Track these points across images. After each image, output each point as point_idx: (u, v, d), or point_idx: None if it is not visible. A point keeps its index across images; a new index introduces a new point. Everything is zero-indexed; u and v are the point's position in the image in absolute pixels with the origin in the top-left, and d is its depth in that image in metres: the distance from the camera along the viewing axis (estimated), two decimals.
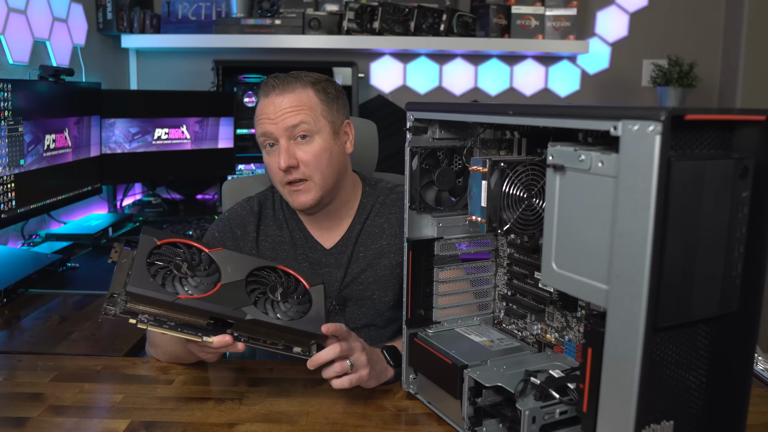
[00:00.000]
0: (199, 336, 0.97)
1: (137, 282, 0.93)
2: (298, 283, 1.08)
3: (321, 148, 1.28)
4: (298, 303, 1.04)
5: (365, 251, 1.36)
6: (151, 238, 1.00)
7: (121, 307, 0.94)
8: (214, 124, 2.67)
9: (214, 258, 1.02)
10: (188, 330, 0.96)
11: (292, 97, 1.27)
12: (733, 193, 0.70)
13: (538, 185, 0.91)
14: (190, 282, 0.97)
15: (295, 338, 1.02)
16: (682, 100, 2.79)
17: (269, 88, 1.30)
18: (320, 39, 2.74)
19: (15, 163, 1.74)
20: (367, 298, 1.35)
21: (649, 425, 0.72)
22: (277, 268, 1.08)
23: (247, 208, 1.40)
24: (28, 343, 1.35)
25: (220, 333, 0.97)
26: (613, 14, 3.06)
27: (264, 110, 1.29)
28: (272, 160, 1.29)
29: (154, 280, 0.94)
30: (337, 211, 1.37)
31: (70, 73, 2.07)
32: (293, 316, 1.01)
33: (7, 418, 1.01)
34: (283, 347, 1.02)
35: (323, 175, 1.28)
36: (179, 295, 0.94)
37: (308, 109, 1.27)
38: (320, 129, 1.28)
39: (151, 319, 0.95)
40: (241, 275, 1.02)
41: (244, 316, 0.97)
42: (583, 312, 0.95)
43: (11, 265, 1.72)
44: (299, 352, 1.03)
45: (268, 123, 1.27)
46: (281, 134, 1.27)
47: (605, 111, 0.69)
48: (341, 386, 1.06)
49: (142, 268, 0.95)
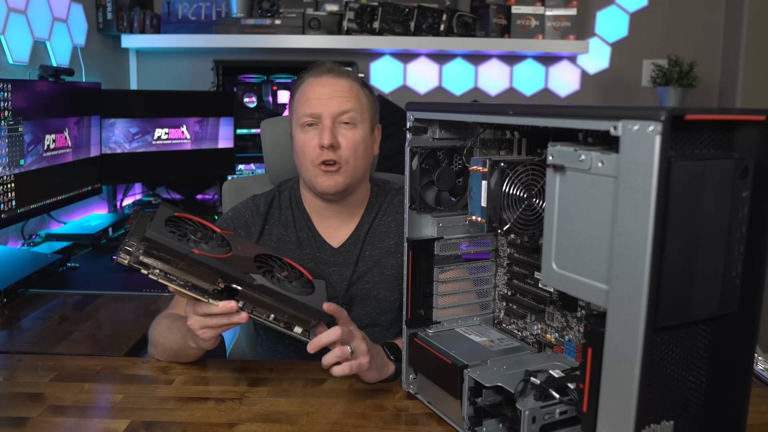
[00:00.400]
0: (206, 298, 0.98)
1: (156, 230, 0.94)
2: (302, 274, 1.10)
3: (361, 137, 1.32)
4: (302, 285, 1.06)
5: (372, 250, 1.37)
6: (169, 208, 1.02)
7: (135, 257, 0.96)
8: (214, 124, 2.67)
9: (225, 237, 1.05)
10: (196, 291, 0.98)
11: (345, 83, 1.33)
12: (733, 193, 0.70)
13: (538, 185, 0.91)
14: (203, 246, 0.99)
15: (297, 316, 1.03)
16: (682, 100, 2.79)
17: (323, 70, 1.34)
18: (320, 39, 2.74)
19: (15, 163, 1.74)
20: (373, 297, 1.35)
21: (649, 425, 0.72)
22: (282, 259, 1.10)
23: (252, 207, 1.40)
24: (28, 343, 1.35)
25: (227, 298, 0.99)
26: (613, 14, 3.06)
27: (314, 89, 1.32)
28: (310, 138, 1.31)
29: (172, 235, 0.96)
30: (348, 209, 1.38)
31: (70, 73, 2.08)
32: (299, 292, 1.03)
33: (7, 418, 1.01)
34: (284, 325, 1.03)
35: (356, 164, 1.32)
36: (194, 250, 0.95)
37: (356, 99, 1.33)
38: (363, 121, 1.33)
39: (161, 274, 0.96)
40: (250, 254, 1.05)
41: (252, 281, 0.98)
42: (583, 312, 0.95)
43: (11, 265, 1.72)
44: (299, 333, 1.04)
45: (317, 103, 1.30)
46: (328, 115, 1.29)
47: (605, 111, 0.69)
48: (341, 373, 1.05)
49: (160, 224, 0.97)
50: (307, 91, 1.33)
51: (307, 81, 1.34)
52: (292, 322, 1.04)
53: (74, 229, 2.18)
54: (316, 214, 1.39)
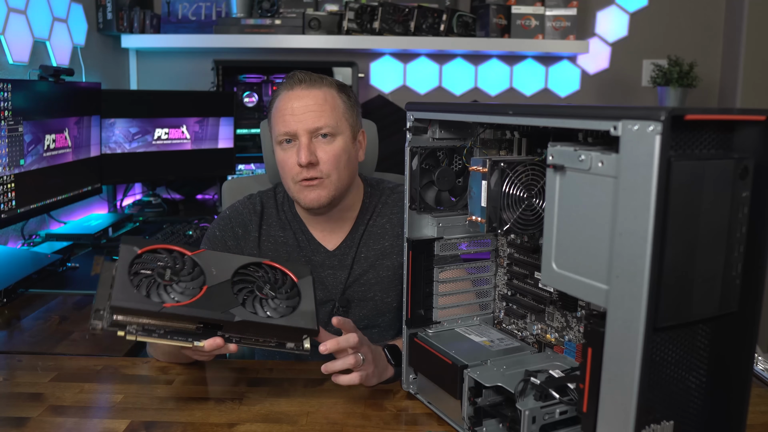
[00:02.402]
0: (189, 341, 0.95)
1: (121, 295, 0.91)
2: (286, 276, 1.06)
3: (341, 148, 1.28)
4: (287, 297, 1.02)
5: (368, 252, 1.36)
6: (131, 247, 0.98)
7: (107, 321, 0.93)
8: (214, 124, 2.67)
9: (197, 261, 1.00)
10: (178, 336, 0.95)
11: (318, 94, 1.27)
12: (733, 193, 0.70)
13: (538, 185, 0.91)
14: (175, 288, 0.95)
15: (286, 334, 1.01)
16: (682, 100, 2.79)
17: (295, 82, 1.28)
18: (320, 39, 2.74)
19: (15, 163, 1.74)
20: (370, 299, 1.35)
21: (649, 425, 0.72)
22: (262, 264, 1.06)
23: (249, 206, 1.39)
24: (28, 343, 1.35)
25: (211, 336, 0.96)
26: (613, 14, 3.06)
27: (287, 105, 1.27)
28: (289, 156, 1.28)
29: (138, 291, 0.93)
30: (340, 214, 1.37)
31: (70, 73, 2.07)
32: (283, 311, 1.00)
33: (7, 418, 1.01)
34: (275, 344, 1.01)
35: (339, 176, 1.28)
36: (165, 304, 0.92)
37: (332, 109, 1.28)
38: (342, 130, 1.29)
39: (139, 329, 0.93)
40: (227, 275, 1.00)
41: (232, 318, 0.95)
42: (583, 312, 0.95)
43: (11, 265, 1.71)
44: (292, 347, 1.02)
45: (291, 120, 1.26)
46: (304, 132, 1.26)
47: (605, 111, 0.69)
48: (350, 382, 1.05)
49: (125, 280, 0.93)
50: (281, 107, 1.28)
51: (281, 96, 1.30)
52: (283, 340, 1.02)
53: (74, 229, 2.18)
54: (308, 220, 1.38)
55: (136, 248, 0.98)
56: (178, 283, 0.96)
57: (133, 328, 0.93)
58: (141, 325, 0.93)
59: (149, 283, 0.94)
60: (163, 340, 0.95)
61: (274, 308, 1.00)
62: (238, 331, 0.98)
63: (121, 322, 0.93)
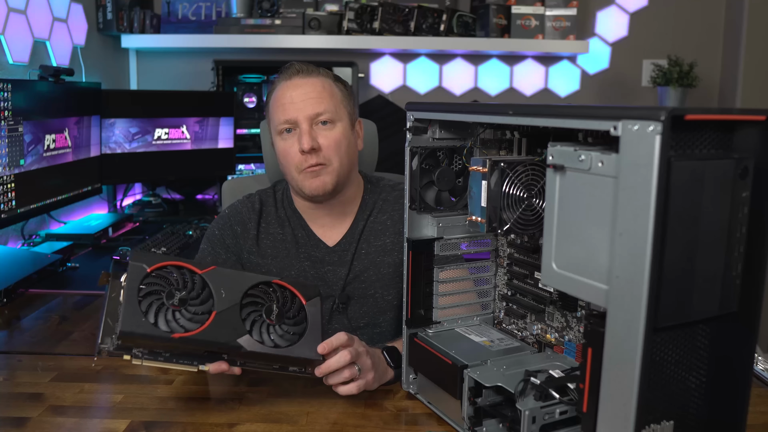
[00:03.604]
0: (195, 365, 0.98)
1: (129, 322, 0.92)
2: (294, 297, 1.06)
3: (341, 134, 1.30)
4: (294, 324, 1.03)
5: (368, 248, 1.36)
6: (141, 265, 0.97)
7: (113, 345, 0.94)
8: (214, 124, 2.67)
9: (207, 280, 1.00)
10: (184, 360, 0.98)
11: (316, 82, 1.30)
12: (733, 193, 0.70)
13: (538, 185, 0.91)
14: (183, 314, 0.96)
15: (292, 361, 1.03)
16: (682, 100, 2.79)
17: (292, 72, 1.31)
18: (320, 39, 2.74)
19: (15, 163, 1.74)
20: (370, 296, 1.35)
21: (649, 425, 0.72)
22: (272, 283, 1.06)
23: (248, 205, 1.39)
24: (28, 343, 1.35)
25: (216, 360, 0.99)
26: (613, 14, 3.06)
27: (285, 94, 1.29)
28: (290, 145, 1.29)
29: (146, 318, 0.93)
30: (340, 208, 1.37)
31: (70, 73, 2.07)
32: (290, 339, 1.02)
33: (7, 418, 1.01)
34: (279, 367, 1.03)
35: (341, 162, 1.30)
36: (173, 335, 0.94)
37: (330, 96, 1.30)
38: (341, 117, 1.31)
39: (145, 353, 0.95)
40: (236, 298, 1.01)
41: (239, 349, 0.98)
42: (583, 312, 0.95)
43: (11, 265, 1.71)
44: (296, 370, 1.04)
45: (291, 108, 1.28)
46: (303, 118, 1.27)
47: (605, 111, 0.69)
48: (348, 392, 1.05)
49: (133, 304, 0.93)
50: (279, 97, 1.30)
51: (279, 86, 1.32)
52: (287, 365, 1.04)
53: (74, 229, 2.18)
54: (308, 215, 1.38)
55: (145, 266, 0.97)
56: (186, 308, 0.97)
57: (139, 352, 0.95)
58: (147, 348, 0.96)
59: (158, 308, 0.95)
60: (168, 364, 0.97)
61: (281, 335, 1.01)
62: (243, 358, 1.01)
63: (128, 346, 0.95)
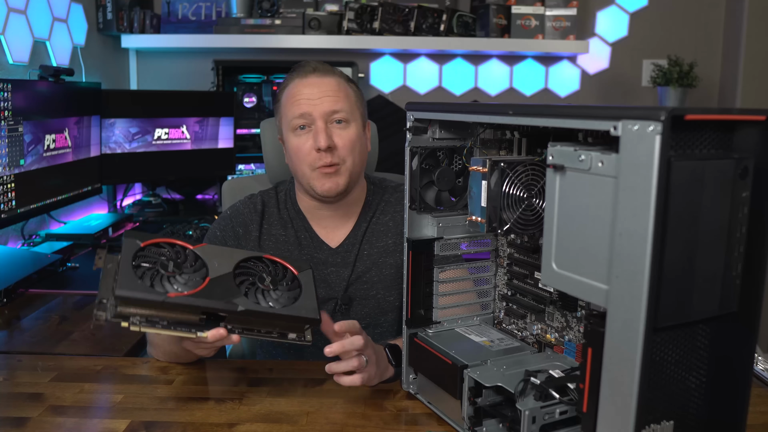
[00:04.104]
0: (193, 332, 0.96)
1: (125, 285, 0.92)
2: (286, 270, 1.06)
3: (355, 135, 1.30)
4: (288, 289, 1.03)
5: (370, 249, 1.36)
6: (134, 240, 0.98)
7: (111, 312, 0.93)
8: (214, 124, 2.67)
9: (199, 254, 1.01)
10: (182, 327, 0.96)
11: (332, 81, 1.30)
12: (733, 193, 0.70)
13: (538, 185, 0.91)
14: (178, 279, 0.96)
15: (289, 324, 1.02)
16: (682, 100, 2.79)
17: (308, 70, 1.31)
18: (320, 39, 2.74)
19: (15, 163, 1.74)
20: (372, 297, 1.35)
21: (649, 425, 0.72)
22: (263, 258, 1.06)
23: (249, 206, 1.39)
24: (28, 343, 1.35)
25: (214, 327, 0.97)
26: (613, 14, 3.06)
27: (301, 91, 1.29)
28: (304, 142, 1.28)
29: (142, 281, 0.93)
30: (345, 209, 1.37)
31: (70, 73, 2.07)
32: (285, 302, 1.01)
33: (7, 418, 1.01)
34: (277, 335, 1.02)
35: (354, 162, 1.30)
36: (169, 294, 0.93)
37: (346, 97, 1.31)
38: (355, 118, 1.32)
39: (143, 320, 0.94)
40: (228, 268, 1.01)
41: (236, 308, 0.96)
42: (583, 312, 0.95)
43: (11, 265, 1.72)
44: (294, 338, 1.02)
45: (307, 104, 1.27)
46: (319, 116, 1.27)
47: (605, 111, 0.69)
48: (352, 383, 1.05)
49: (128, 271, 0.94)
50: (294, 93, 1.29)
51: (293, 83, 1.31)
52: (285, 330, 1.02)
53: (74, 229, 2.18)
54: (312, 216, 1.38)
55: (138, 242, 0.98)
56: (181, 274, 0.96)
57: (136, 319, 0.94)
58: (144, 316, 0.94)
59: (153, 275, 0.95)
60: (166, 331, 0.95)
61: (276, 299, 1.00)
62: (241, 322, 0.99)
63: (125, 314, 0.93)
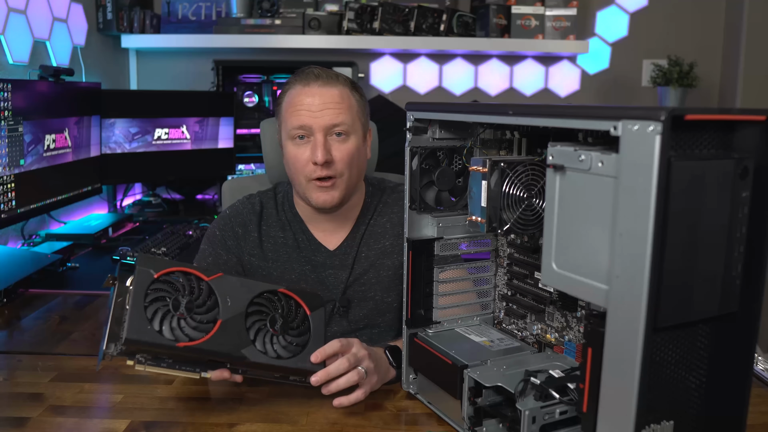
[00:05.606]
0: (197, 372, 0.99)
1: (134, 329, 0.93)
2: (299, 308, 1.07)
3: (354, 147, 1.28)
4: (297, 335, 1.04)
5: (368, 251, 1.36)
6: (147, 270, 0.97)
7: (117, 350, 0.94)
8: (214, 124, 2.67)
9: (214, 288, 1.00)
10: (186, 367, 0.99)
11: (335, 92, 1.26)
12: (733, 193, 0.70)
13: (538, 185, 0.91)
14: (189, 322, 0.96)
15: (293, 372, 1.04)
16: (682, 100, 2.79)
17: (311, 78, 1.26)
18: (320, 39, 2.74)
19: (15, 163, 1.74)
20: (370, 299, 1.35)
21: (649, 425, 0.72)
22: (278, 292, 1.06)
23: (248, 206, 1.39)
24: (28, 343, 1.35)
25: (218, 367, 1.00)
26: (613, 14, 3.06)
27: (303, 100, 1.25)
28: (302, 152, 1.26)
29: (152, 325, 0.94)
30: (343, 214, 1.36)
31: (70, 73, 2.08)
32: (293, 351, 1.02)
33: (7, 418, 1.01)
34: (279, 376, 1.04)
35: (351, 175, 1.28)
36: (178, 344, 0.94)
37: (348, 109, 1.27)
38: (356, 130, 1.29)
39: (149, 358, 0.96)
40: (241, 306, 1.01)
41: (243, 360, 0.98)
42: (583, 312, 0.95)
43: (11, 265, 1.71)
44: (296, 380, 1.04)
45: (308, 115, 1.24)
46: (319, 129, 1.24)
47: (605, 111, 0.69)
48: (356, 400, 1.04)
49: (139, 311, 0.94)
50: (295, 102, 1.26)
51: (295, 89, 1.27)
52: (287, 374, 1.04)
53: (74, 229, 2.18)
54: (310, 220, 1.37)
55: (152, 272, 0.98)
56: (192, 316, 0.97)
57: (142, 357, 0.96)
58: (151, 354, 0.96)
59: (163, 315, 0.95)
60: (170, 371, 0.98)
61: (284, 347, 1.02)
62: (246, 367, 1.01)
63: (132, 351, 0.95)
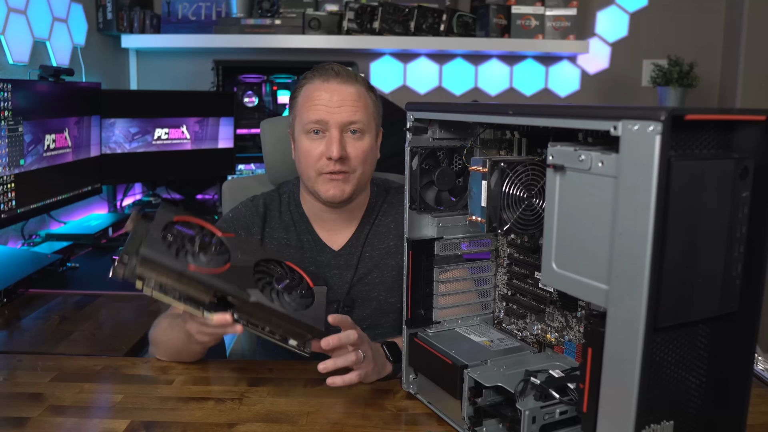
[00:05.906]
0: (200, 310, 0.97)
1: (151, 246, 0.93)
2: (302, 280, 1.07)
3: (369, 146, 1.29)
4: (300, 297, 1.04)
5: (372, 252, 1.36)
6: (169, 213, 1.00)
7: (131, 270, 0.94)
8: (214, 124, 2.67)
9: (225, 242, 1.02)
10: (191, 303, 0.97)
11: (353, 91, 1.27)
12: (733, 193, 0.70)
13: (538, 185, 0.91)
14: (200, 258, 0.97)
15: (293, 330, 1.02)
16: (682, 100, 2.79)
17: (331, 74, 1.27)
18: (320, 39, 2.74)
19: (15, 163, 1.74)
20: (373, 299, 1.35)
21: (649, 425, 0.72)
22: (284, 264, 1.07)
23: (252, 208, 1.38)
24: (28, 343, 1.35)
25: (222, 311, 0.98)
26: (613, 14, 3.06)
27: (321, 95, 1.26)
28: (316, 146, 1.26)
29: (168, 249, 0.94)
30: (349, 213, 1.37)
31: (70, 73, 2.07)
32: (295, 307, 1.01)
33: (7, 418, 1.01)
34: (279, 337, 1.02)
35: (363, 173, 1.30)
36: (189, 266, 0.94)
37: (365, 109, 1.28)
38: (370, 129, 1.30)
39: (157, 286, 0.95)
40: (250, 262, 1.02)
41: (248, 297, 0.97)
42: (583, 312, 0.95)
43: (11, 265, 1.71)
44: (294, 345, 1.03)
45: (325, 110, 1.25)
46: (335, 125, 1.25)
47: (605, 111, 0.69)
48: (349, 382, 1.05)
49: (157, 237, 0.95)
50: (314, 96, 1.27)
51: (314, 84, 1.28)
52: (288, 335, 1.03)
53: (74, 229, 2.18)
54: (315, 218, 1.37)
55: (172, 215, 1.00)
56: (204, 254, 0.98)
57: (151, 283, 0.95)
58: (159, 282, 0.95)
59: (178, 247, 0.96)
60: (176, 302, 0.96)
61: (288, 302, 1.01)
62: (249, 314, 1.00)
63: (143, 275, 0.94)
